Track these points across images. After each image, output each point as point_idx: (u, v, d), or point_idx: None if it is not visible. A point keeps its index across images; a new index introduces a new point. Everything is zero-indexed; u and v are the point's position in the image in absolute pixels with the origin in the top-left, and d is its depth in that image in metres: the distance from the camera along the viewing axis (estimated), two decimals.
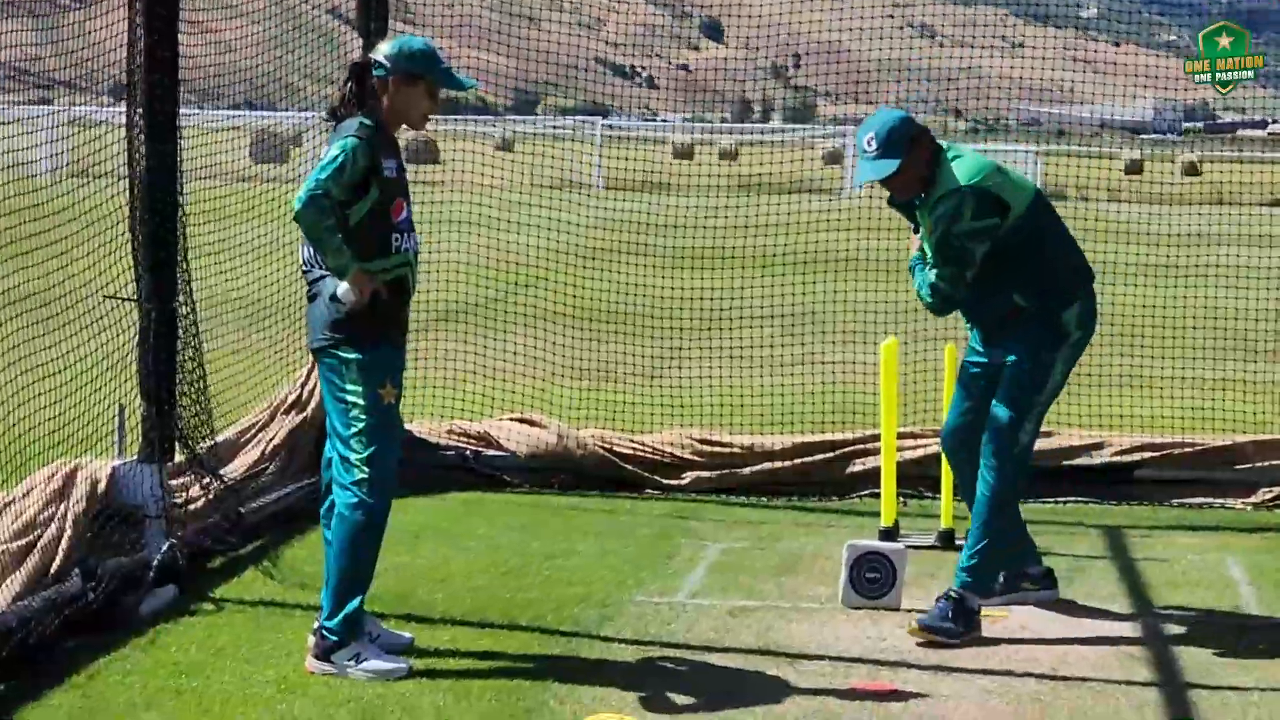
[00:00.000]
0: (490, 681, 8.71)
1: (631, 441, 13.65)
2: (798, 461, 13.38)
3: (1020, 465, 9.86)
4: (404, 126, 9.25)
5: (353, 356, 8.58)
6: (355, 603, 8.65)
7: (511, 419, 13.87)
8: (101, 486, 9.94)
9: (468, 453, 13.69)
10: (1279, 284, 21.17)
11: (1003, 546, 9.85)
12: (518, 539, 11.91)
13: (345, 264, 8.34)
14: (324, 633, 8.59)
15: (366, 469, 8.61)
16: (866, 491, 12.22)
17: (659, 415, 15.16)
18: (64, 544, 9.48)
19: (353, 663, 8.51)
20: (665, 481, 13.41)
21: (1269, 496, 13.13)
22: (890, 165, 9.38)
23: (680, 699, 8.39)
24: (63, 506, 9.72)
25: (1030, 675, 9.01)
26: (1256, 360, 16.81)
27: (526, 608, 10.18)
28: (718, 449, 13.56)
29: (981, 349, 9.94)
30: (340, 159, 8.32)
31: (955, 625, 9.48)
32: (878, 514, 11.33)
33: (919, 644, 9.48)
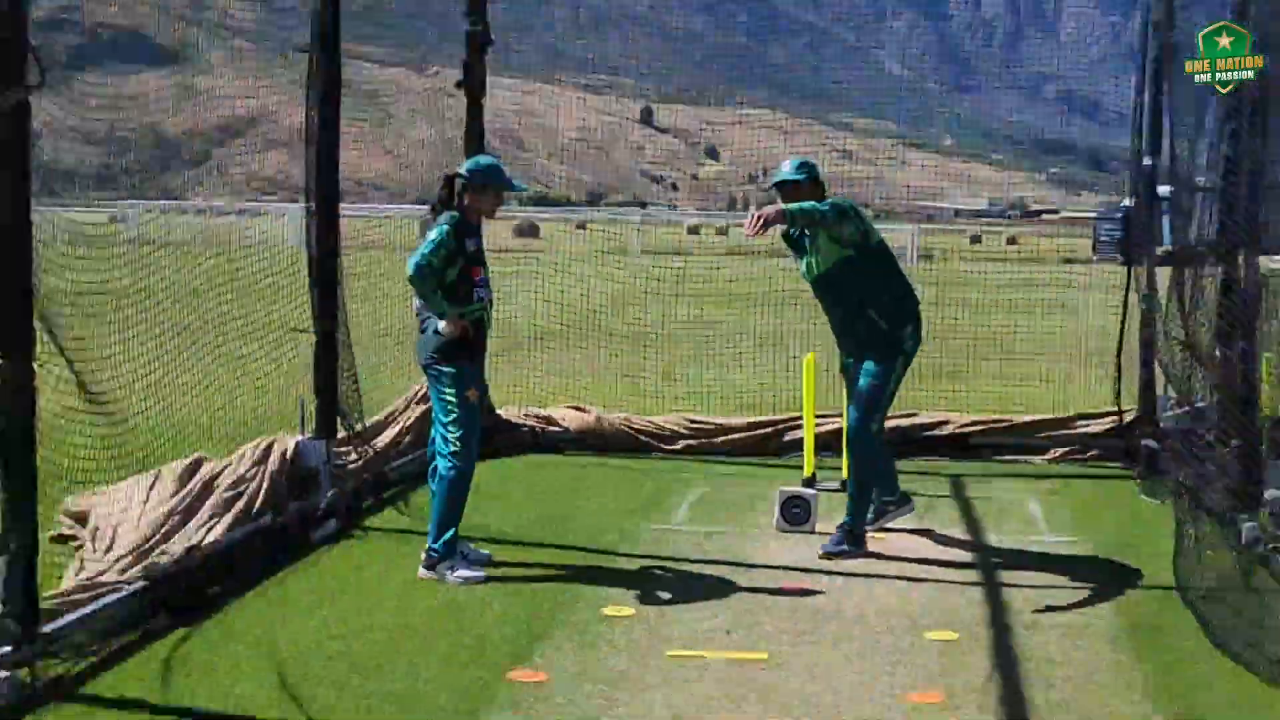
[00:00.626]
0: (540, 585, 8.66)
1: (644, 421, 13.44)
2: (752, 434, 13.25)
3: (877, 442, 9.63)
4: (481, 217, 9.00)
5: (449, 370, 8.62)
6: (450, 532, 8.65)
7: (566, 407, 13.64)
8: (289, 454, 9.67)
9: (536, 429, 13.42)
10: (1067, 314, 20.89)
11: (870, 495, 9.70)
12: (566, 488, 11.75)
13: (443, 309, 8.44)
14: (430, 551, 8.62)
15: (458, 445, 8.67)
16: (795, 453, 11.82)
17: (665, 404, 15.00)
18: (262, 493, 9.26)
19: (449, 571, 8.53)
20: (666, 448, 13.21)
21: (1055, 455, 13.00)
22: (793, 175, 9.50)
23: (664, 595, 8.39)
24: (263, 467, 9.48)
25: (897, 578, 8.89)
26: (1052, 362, 16.48)
27: (571, 534, 10.00)
28: (700, 426, 13.41)
29: (850, 359, 9.68)
30: (437, 240, 8.45)
31: (847, 547, 9.34)
32: (802, 468, 10.98)
33: (824, 556, 9.25)
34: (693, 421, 13.33)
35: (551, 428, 13.32)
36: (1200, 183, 11.53)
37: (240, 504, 8.97)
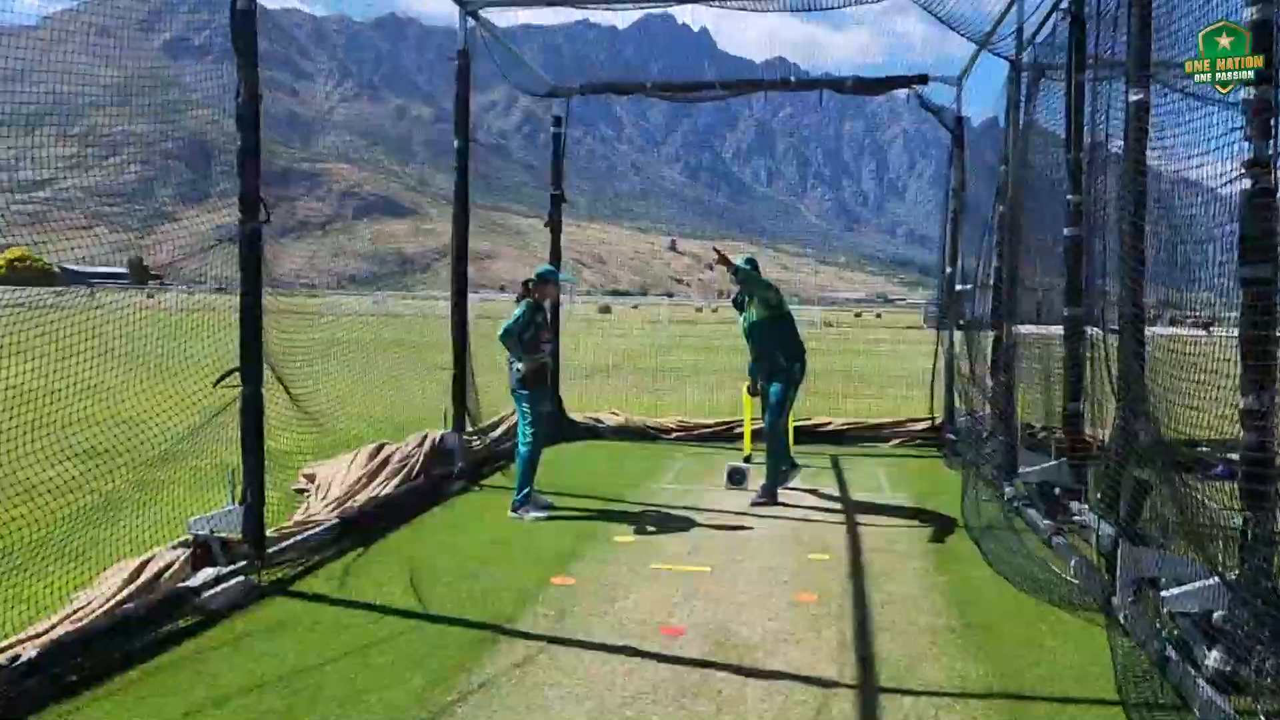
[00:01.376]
0: (578, 522, 8.04)
1: (654, 420, 12.84)
2: (717, 428, 12.55)
3: (783, 435, 9.12)
4: (548, 300, 8.50)
5: (525, 393, 8.14)
6: (526, 490, 8.14)
7: (609, 412, 13.05)
8: (436, 441, 9.11)
9: (591, 424, 12.73)
10: (904, 359, 20.03)
11: (780, 467, 9.07)
12: (604, 462, 11.12)
13: (520, 356, 8.00)
14: (515, 501, 8.08)
15: (530, 439, 8.21)
16: (740, 441, 10.88)
17: (671, 408, 14.18)
18: (420, 464, 8.79)
19: (525, 513, 7.99)
20: (665, 436, 12.55)
21: (895, 443, 12.24)
22: (748, 266, 8.97)
23: (652, 529, 7.76)
24: (420, 448, 8.97)
25: (794, 520, 8.24)
26: (894, 387, 15.69)
27: (602, 489, 9.33)
28: (686, 424, 12.75)
29: (764, 384, 9.14)
30: (520, 316, 8.09)
31: (766, 499, 8.78)
32: (742, 450, 10.41)
33: (752, 505, 8.60)
34: (682, 421, 12.67)
35: (600, 424, 12.67)
36: (983, 280, 11.18)
37: (404, 471, 8.52)
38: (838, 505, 8.79)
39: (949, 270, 11.81)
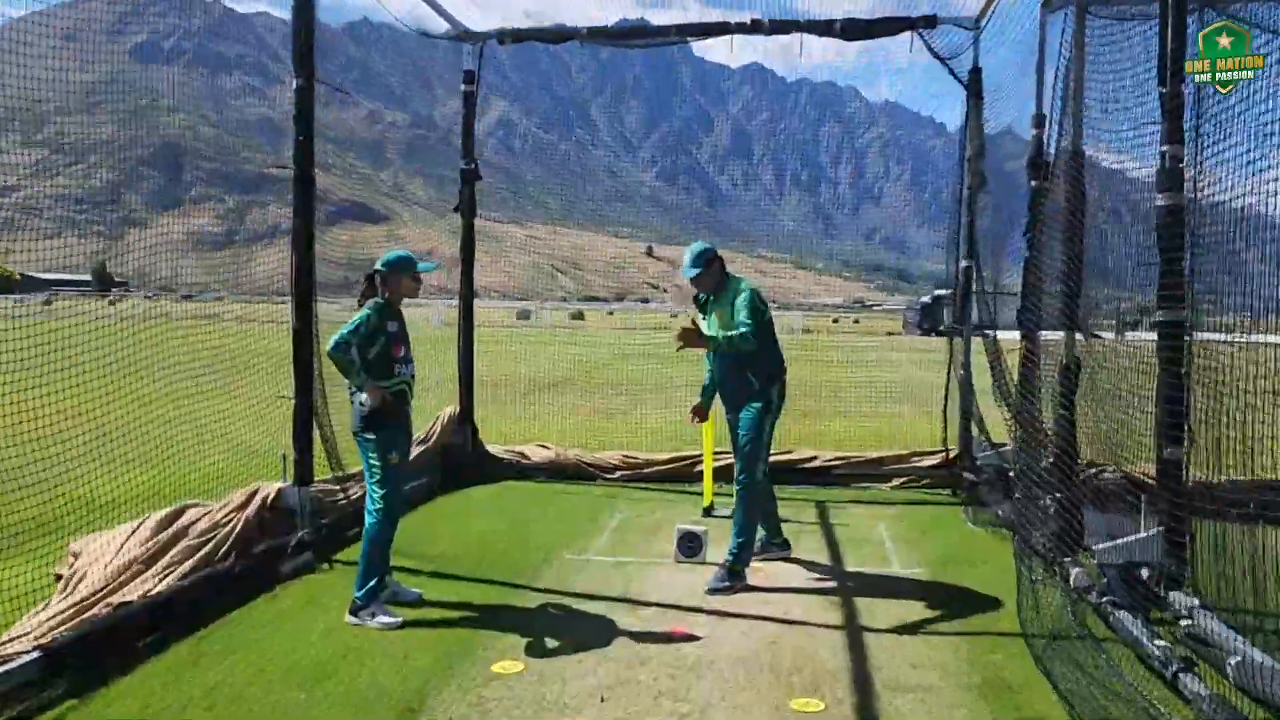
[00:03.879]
0: (450, 630, 5.41)
1: (592, 456, 10.00)
2: (670, 466, 9.90)
3: (760, 489, 6.46)
4: (403, 300, 5.70)
5: (371, 436, 5.45)
6: (372, 582, 5.48)
7: (535, 445, 10.27)
8: (269, 499, 6.46)
9: (513, 461, 9.97)
10: (889, 367, 17.55)
11: (754, 537, 6.46)
12: (519, 511, 8.47)
13: (361, 383, 5.34)
14: (354, 600, 5.44)
15: (381, 503, 5.52)
16: (702, 483, 8.51)
17: (624, 434, 11.34)
18: (235, 536, 6.13)
19: (369, 617, 5.37)
20: (606, 476, 9.89)
21: (896, 484, 9.63)
22: (694, 270, 6.42)
23: (553, 644, 5.13)
24: (242, 512, 6.32)
25: (770, 620, 5.61)
26: (880, 402, 13.13)
27: (499, 564, 6.69)
28: (632, 460, 10.01)
29: (730, 414, 6.54)
30: (358, 323, 5.41)
31: (730, 582, 6.16)
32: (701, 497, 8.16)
33: (709, 593, 5.97)
34: (626, 457, 9.99)
35: (524, 460, 10.01)
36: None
37: (209, 548, 5.89)
38: (830, 588, 6.22)
39: (965, 264, 9.31)
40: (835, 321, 70.82)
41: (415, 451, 8.95)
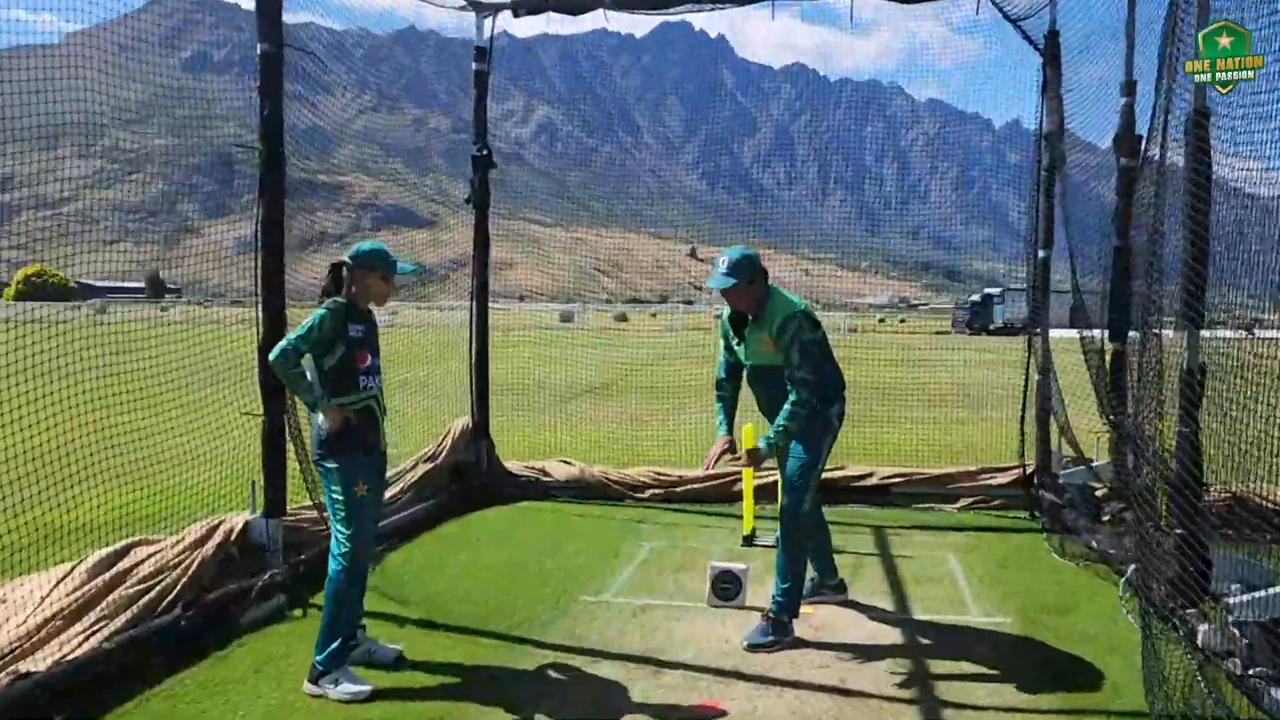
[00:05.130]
0: (426, 703, 4.33)
1: (619, 474, 8.91)
2: (707, 484, 8.74)
3: (810, 525, 5.31)
4: (370, 303, 4.61)
5: (333, 465, 4.42)
6: (337, 643, 4.44)
7: (558, 461, 9.16)
8: (233, 533, 5.44)
9: (532, 479, 8.92)
10: (944, 368, 16.29)
11: (801, 580, 5.30)
12: (534, 539, 7.36)
13: (314, 400, 4.49)
14: (315, 664, 4.39)
15: (348, 545, 4.46)
16: (741, 503, 7.47)
17: (636, 459, 10.13)
18: (187, 581, 5.12)
19: (332, 685, 4.34)
20: (636, 495, 8.77)
21: (964, 504, 8.36)
22: (728, 281, 5.07)
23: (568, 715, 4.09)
24: (199, 550, 5.32)
25: (824, 690, 4.48)
26: (938, 407, 11.96)
27: (499, 613, 5.59)
28: (664, 477, 8.86)
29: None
30: (309, 326, 4.36)
31: (774, 637, 5.02)
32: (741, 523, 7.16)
33: (748, 648, 4.91)
34: (658, 474, 8.89)
35: (545, 478, 8.96)
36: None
37: (154, 595, 4.94)
38: (896, 644, 5.11)
39: (1042, 254, 8.13)
40: (881, 321, 69.22)
41: (423, 470, 8.01)
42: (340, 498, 4.48)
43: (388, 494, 7.45)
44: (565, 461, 9.13)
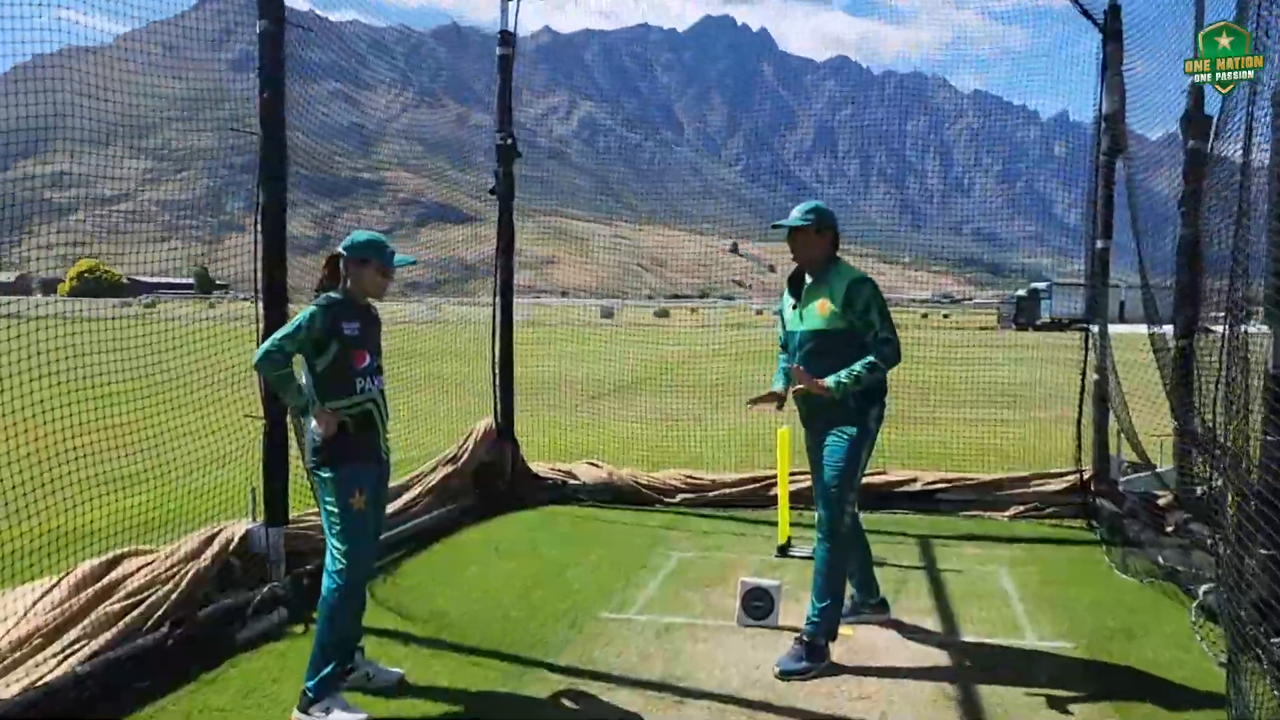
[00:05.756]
0: None
1: (648, 477, 8.48)
2: (741, 489, 8.29)
3: (849, 538, 4.79)
4: (368, 298, 4.25)
5: (328, 475, 4.00)
6: (330, 667, 4.03)
7: (586, 463, 8.76)
8: (231, 543, 5.10)
9: (559, 481, 8.49)
10: (990, 366, 15.55)
11: (840, 600, 4.80)
12: (556, 548, 6.94)
13: (304, 404, 4.12)
14: (305, 690, 3.98)
15: (344, 561, 4.04)
16: (776, 509, 6.98)
17: (667, 460, 9.66)
18: (180, 595, 4.77)
19: (323, 714, 3.94)
20: (666, 500, 8.33)
21: (1016, 512, 7.79)
22: (800, 220, 4.74)
23: None
24: (194, 562, 4.97)
25: None
26: (994, 408, 11.36)
27: (516, 625, 5.25)
28: (696, 481, 8.42)
29: (811, 437, 4.89)
30: (298, 324, 3.98)
31: (808, 663, 4.52)
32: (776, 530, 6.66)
33: (780, 676, 4.46)
34: (689, 477, 8.45)
35: (572, 481, 8.55)
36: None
37: (144, 609, 4.61)
38: (945, 669, 4.64)
39: (1100, 245, 7.58)
40: (924, 316, 68.18)
41: (443, 473, 7.64)
42: (336, 510, 4.09)
43: (403, 499, 7.12)
44: (593, 464, 8.72)
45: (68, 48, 5.15)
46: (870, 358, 4.58)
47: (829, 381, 4.58)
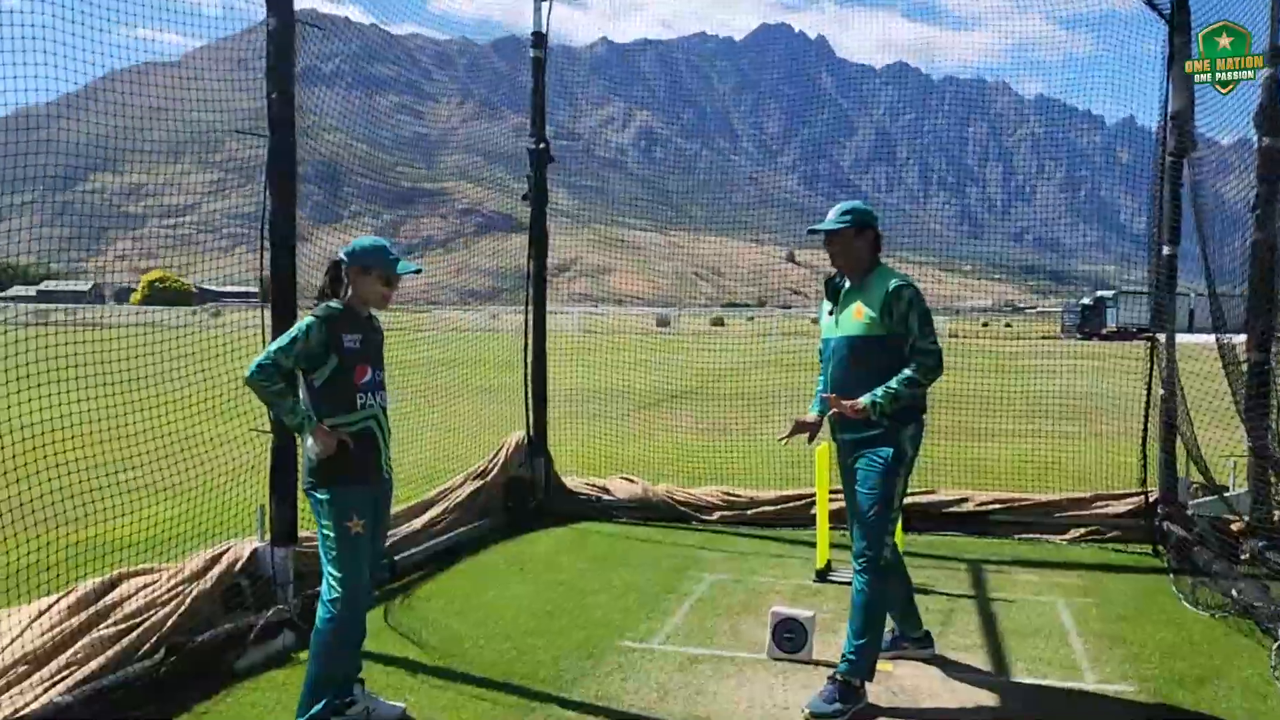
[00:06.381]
0: None
1: (684, 493, 8.12)
2: (781, 506, 7.88)
3: (886, 573, 4.35)
4: (370, 308, 4.01)
5: (324, 496, 3.71)
6: (320, 706, 3.73)
7: (620, 478, 8.49)
8: (238, 564, 4.91)
9: (593, 497, 8.17)
10: (1051, 375, 15.05)
11: (878, 638, 4.35)
12: (580, 571, 6.59)
13: (300, 423, 3.81)
14: None
15: (339, 589, 3.75)
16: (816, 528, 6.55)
17: (712, 473, 9.30)
18: (176, 618, 4.56)
19: None
20: (703, 517, 7.97)
21: (1075, 535, 7.29)
22: (840, 222, 4.38)
23: None
24: (196, 583, 4.72)
25: None
26: (1053, 421, 10.88)
27: (532, 654, 4.92)
28: (734, 498, 8.05)
29: (844, 458, 4.48)
30: (292, 336, 3.71)
31: (841, 705, 4.12)
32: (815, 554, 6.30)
33: (809, 719, 4.09)
34: (727, 494, 8.08)
35: (606, 496, 8.23)
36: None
37: (138, 635, 4.38)
38: (994, 715, 4.21)
39: (1167, 251, 7.07)
40: (985, 325, 66.83)
41: (471, 488, 7.37)
42: (332, 534, 3.81)
43: (427, 516, 6.87)
44: (628, 479, 8.40)
45: (142, 64, 5.46)
46: (908, 372, 4.19)
47: (864, 401, 4.20)
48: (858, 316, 4.35)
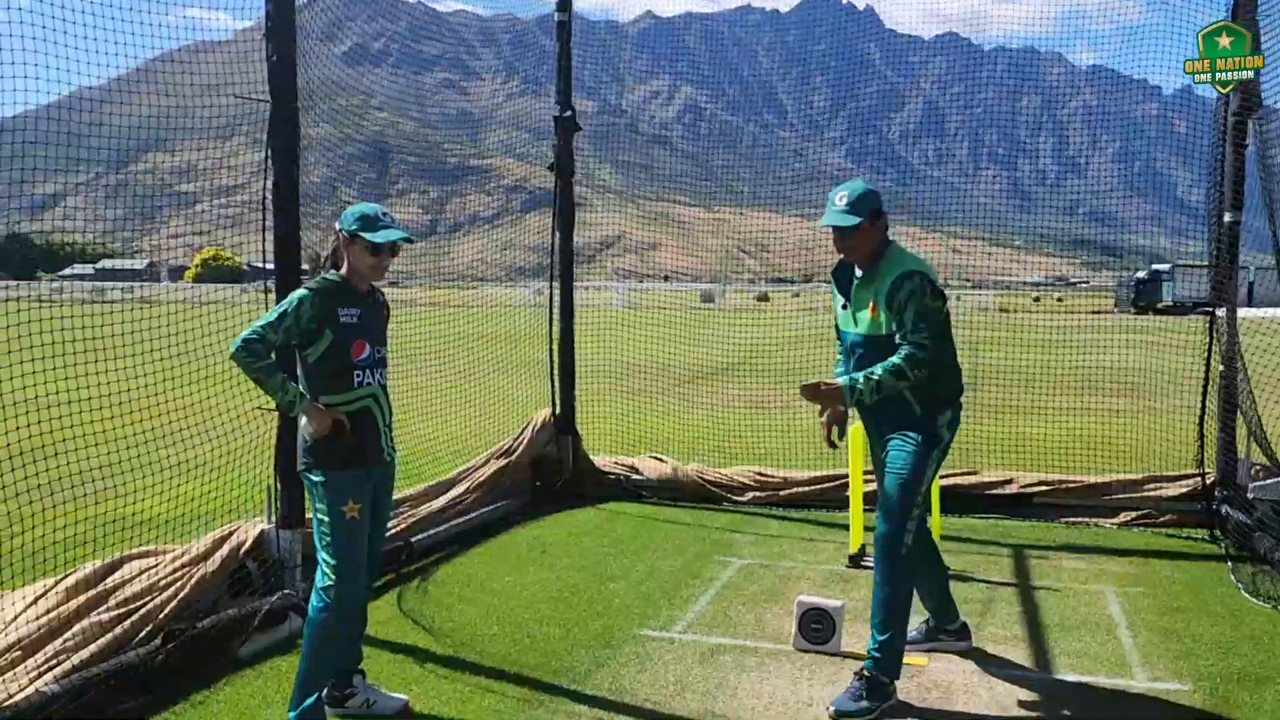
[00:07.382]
0: None
1: (716, 473, 7.83)
2: (816, 487, 7.57)
3: (909, 561, 4.02)
4: (366, 281, 3.76)
5: (319, 479, 3.50)
6: (312, 699, 3.51)
7: (649, 457, 8.21)
8: (245, 545, 4.76)
9: (622, 477, 7.92)
10: (1101, 351, 14.43)
11: (904, 629, 4.06)
12: (603, 555, 6.36)
13: (291, 400, 3.57)
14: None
15: (333, 578, 3.53)
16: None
17: (746, 451, 9.07)
18: (180, 601, 4.39)
19: None
20: (735, 498, 7.70)
21: (1126, 519, 6.92)
22: (850, 220, 3.98)
23: None
24: (201, 565, 4.59)
25: None
26: (1104, 396, 10.43)
27: (546, 642, 4.70)
28: (766, 479, 7.72)
29: (874, 443, 4.26)
30: (282, 310, 3.50)
31: (869, 703, 3.83)
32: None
33: (835, 718, 3.81)
34: (760, 474, 7.79)
35: (635, 476, 7.99)
36: None
37: (137, 618, 4.22)
38: (1035, 715, 3.91)
39: (1228, 218, 6.62)
40: (1036, 300, 65.48)
41: (495, 467, 7.17)
42: (327, 519, 3.59)
43: (448, 496, 6.67)
44: (657, 458, 8.15)
45: (194, 44, 5.47)
46: (896, 360, 3.87)
47: (841, 381, 3.92)
48: (873, 314, 4.04)
